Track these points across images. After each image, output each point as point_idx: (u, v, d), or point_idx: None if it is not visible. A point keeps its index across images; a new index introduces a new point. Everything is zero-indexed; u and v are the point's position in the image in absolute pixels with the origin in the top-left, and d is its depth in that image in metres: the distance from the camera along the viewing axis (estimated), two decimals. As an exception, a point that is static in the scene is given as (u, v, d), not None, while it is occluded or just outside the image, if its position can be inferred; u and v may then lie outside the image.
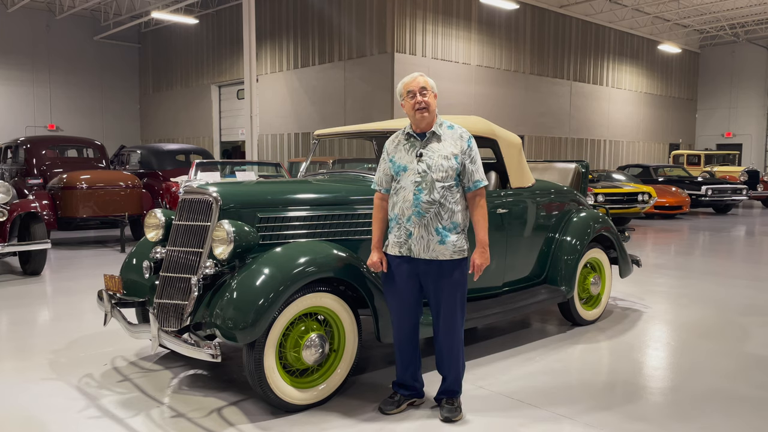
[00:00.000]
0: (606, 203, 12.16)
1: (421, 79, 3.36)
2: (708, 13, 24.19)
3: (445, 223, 3.29)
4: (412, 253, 3.32)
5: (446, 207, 3.29)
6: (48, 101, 24.19)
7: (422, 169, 3.30)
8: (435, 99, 3.36)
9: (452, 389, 3.48)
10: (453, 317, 3.38)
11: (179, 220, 3.76)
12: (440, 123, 3.41)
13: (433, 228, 3.28)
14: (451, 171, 3.30)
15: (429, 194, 3.27)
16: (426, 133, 3.37)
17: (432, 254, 3.29)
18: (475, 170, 3.34)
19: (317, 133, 5.16)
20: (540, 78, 21.18)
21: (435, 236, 3.28)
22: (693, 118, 29.58)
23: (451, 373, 3.45)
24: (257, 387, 3.35)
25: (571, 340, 4.92)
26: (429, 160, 3.31)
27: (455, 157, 3.31)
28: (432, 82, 3.39)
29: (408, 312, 3.43)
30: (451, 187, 3.31)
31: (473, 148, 3.37)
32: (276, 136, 20.31)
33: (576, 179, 5.99)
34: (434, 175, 3.28)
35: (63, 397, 3.68)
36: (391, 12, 16.58)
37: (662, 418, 3.46)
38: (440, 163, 3.29)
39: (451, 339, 3.41)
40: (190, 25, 23.29)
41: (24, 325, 5.27)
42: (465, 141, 3.36)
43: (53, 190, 9.67)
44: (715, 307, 6.05)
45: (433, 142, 3.36)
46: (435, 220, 3.28)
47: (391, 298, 3.45)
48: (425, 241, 3.29)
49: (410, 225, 3.30)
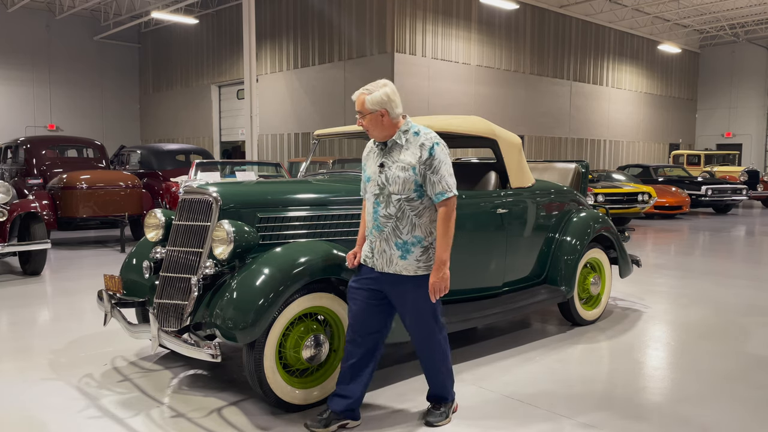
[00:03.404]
0: (606, 203, 12.16)
1: (360, 98, 3.11)
2: (708, 13, 24.20)
3: (406, 238, 3.11)
4: (376, 267, 3.19)
5: (405, 221, 3.10)
6: (48, 101, 24.19)
7: (381, 181, 3.14)
8: (383, 117, 3.08)
9: (439, 395, 3.39)
10: (426, 332, 3.24)
11: (179, 220, 3.76)
12: (406, 129, 3.15)
13: (392, 242, 3.12)
14: (409, 183, 3.08)
15: (385, 208, 3.12)
16: (388, 141, 3.17)
17: (395, 269, 3.13)
18: (437, 181, 3.07)
19: (317, 133, 5.16)
20: (540, 78, 21.19)
21: (396, 251, 3.12)
22: (693, 118, 29.58)
23: (434, 382, 3.36)
24: (257, 387, 3.35)
25: (571, 340, 4.92)
26: (388, 171, 3.12)
27: (413, 168, 3.07)
28: (374, 97, 3.07)
29: (361, 321, 3.23)
30: (411, 199, 3.10)
31: (437, 157, 3.07)
32: (276, 136, 20.31)
33: (576, 179, 5.99)
34: (391, 187, 3.10)
35: (63, 397, 3.68)
36: (391, 12, 16.58)
37: (662, 418, 3.46)
38: (397, 175, 3.09)
39: (428, 351, 3.29)
40: (190, 25, 23.30)
41: (24, 325, 5.27)
42: (426, 150, 3.07)
43: (53, 190, 9.67)
44: (715, 307, 6.04)
45: (394, 152, 3.14)
46: (393, 235, 3.12)
47: (352, 303, 3.28)
48: (387, 256, 3.14)
49: (373, 238, 3.19)
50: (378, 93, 3.08)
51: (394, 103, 3.10)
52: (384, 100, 3.07)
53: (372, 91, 3.09)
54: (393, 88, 3.13)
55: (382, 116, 3.09)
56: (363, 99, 3.09)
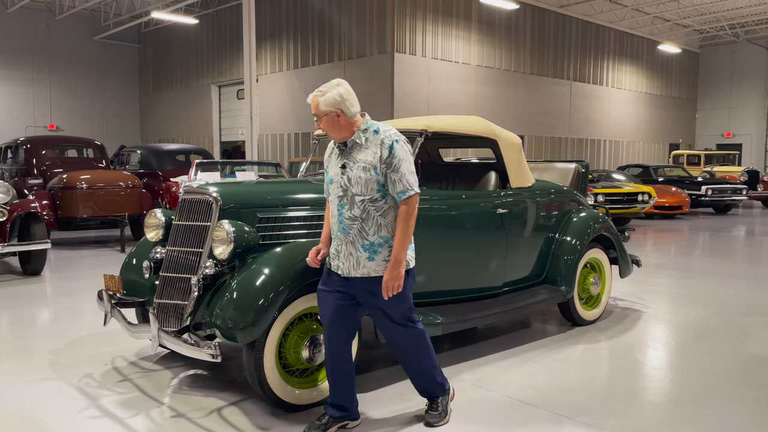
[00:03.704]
0: (606, 203, 12.16)
1: (314, 101, 3.03)
2: (708, 13, 24.20)
3: (373, 239, 3.04)
4: (342, 273, 3.11)
5: (370, 222, 3.04)
6: (48, 101, 24.20)
7: (344, 183, 3.06)
8: (339, 117, 3.00)
9: (428, 390, 3.36)
10: (404, 332, 3.19)
11: (179, 220, 3.76)
12: (365, 128, 3.06)
13: (359, 244, 3.04)
14: (371, 183, 3.00)
15: (350, 210, 3.05)
16: (348, 142, 3.09)
17: (363, 271, 3.05)
18: (398, 179, 2.98)
19: (317, 133, 5.15)
20: (540, 78, 21.19)
21: (363, 252, 3.04)
22: (693, 118, 29.58)
23: (424, 380, 3.33)
24: (257, 387, 3.35)
25: (571, 340, 4.92)
26: (350, 172, 3.04)
27: (374, 168, 2.99)
28: (326, 98, 3.00)
29: (336, 326, 3.15)
30: (374, 200, 3.03)
31: (396, 155, 2.98)
32: (276, 136, 20.32)
33: (576, 179, 5.99)
34: (354, 189, 3.03)
35: (63, 397, 3.68)
36: (391, 12, 16.58)
37: (662, 418, 3.46)
38: (359, 176, 3.01)
39: (412, 350, 3.24)
40: (190, 25, 23.30)
41: (24, 325, 5.27)
42: (385, 148, 2.99)
43: (53, 190, 9.67)
44: (715, 307, 6.04)
45: (355, 152, 3.06)
46: (360, 237, 3.04)
47: (323, 307, 3.19)
48: (354, 258, 3.06)
49: (338, 242, 3.12)
50: (331, 94, 3.00)
51: (348, 102, 3.01)
52: (337, 100, 2.99)
53: (325, 92, 3.02)
54: (347, 88, 3.04)
55: (338, 117, 3.01)
56: (317, 101, 3.03)
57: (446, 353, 4.52)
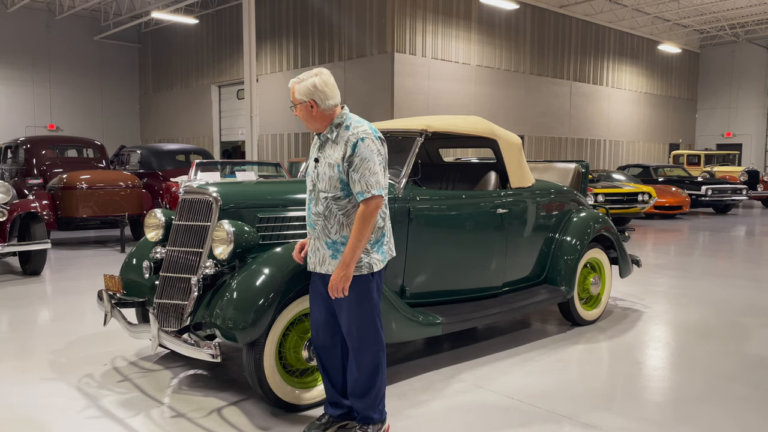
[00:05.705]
0: (606, 203, 12.16)
1: (292, 87, 2.95)
2: (708, 13, 24.20)
3: (335, 237, 2.94)
4: (309, 266, 3.06)
5: (332, 220, 2.93)
6: (48, 101, 24.20)
7: (314, 177, 3.00)
8: (313, 108, 2.90)
9: (366, 414, 3.07)
10: (357, 338, 2.99)
11: (179, 220, 3.76)
12: (338, 123, 2.95)
13: (323, 241, 2.97)
14: (334, 181, 2.90)
15: (316, 205, 2.99)
16: (321, 135, 3.01)
17: (328, 268, 2.97)
18: (357, 179, 2.84)
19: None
20: (540, 78, 21.19)
21: (327, 250, 2.96)
22: (693, 118, 29.58)
23: (362, 398, 3.04)
24: (257, 387, 3.35)
25: (571, 340, 4.92)
26: (320, 167, 2.97)
27: (338, 165, 2.89)
28: (301, 86, 2.91)
29: (323, 324, 3.10)
30: (337, 198, 2.92)
31: (359, 154, 2.84)
32: (276, 136, 20.32)
33: (576, 179, 5.99)
34: (319, 185, 2.96)
35: (63, 397, 3.68)
36: (391, 12, 16.58)
37: (662, 418, 3.46)
38: (324, 172, 2.94)
39: (360, 359, 3.01)
40: (190, 25, 23.30)
41: (24, 325, 5.27)
42: (350, 146, 2.86)
43: (53, 190, 9.67)
44: (715, 307, 6.04)
45: (327, 147, 2.98)
46: (323, 234, 2.96)
47: (311, 305, 3.16)
48: (320, 254, 2.99)
49: (309, 236, 3.06)
50: (306, 83, 2.90)
51: (323, 94, 2.89)
52: (311, 90, 2.89)
53: (302, 80, 2.93)
54: (324, 79, 2.91)
55: (311, 107, 2.91)
56: (294, 88, 2.94)
57: (446, 353, 4.52)
